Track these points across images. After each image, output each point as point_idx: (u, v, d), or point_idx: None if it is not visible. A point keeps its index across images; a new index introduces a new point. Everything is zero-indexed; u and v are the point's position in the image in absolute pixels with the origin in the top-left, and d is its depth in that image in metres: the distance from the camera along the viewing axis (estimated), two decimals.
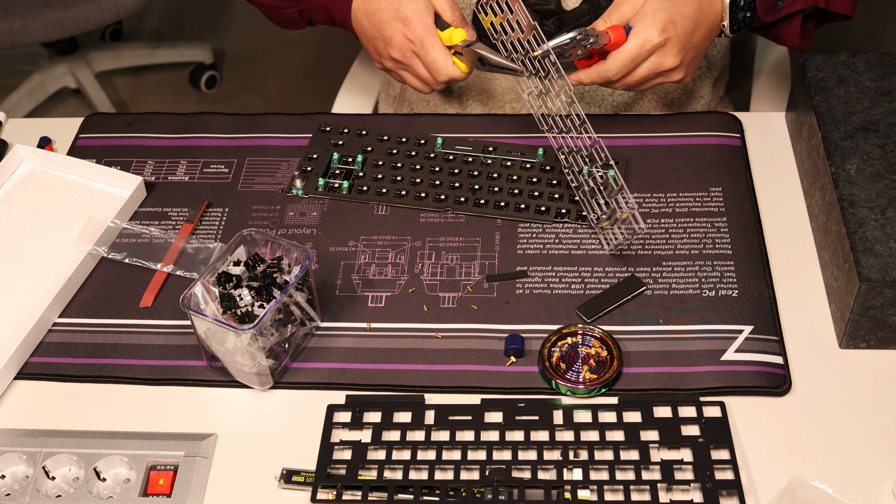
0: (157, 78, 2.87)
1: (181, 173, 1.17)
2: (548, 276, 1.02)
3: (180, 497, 0.86)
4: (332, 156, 1.15)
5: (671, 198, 1.09)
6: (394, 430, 0.90)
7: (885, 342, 0.94)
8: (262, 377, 0.93)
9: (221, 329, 0.89)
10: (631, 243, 1.03)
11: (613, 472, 0.85)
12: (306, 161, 1.16)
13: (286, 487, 0.87)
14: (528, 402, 0.91)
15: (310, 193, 1.12)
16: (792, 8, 1.13)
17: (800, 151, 1.12)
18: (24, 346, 0.97)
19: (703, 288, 1.00)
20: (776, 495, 0.83)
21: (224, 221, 1.11)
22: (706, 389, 0.91)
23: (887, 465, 0.86)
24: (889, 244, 0.93)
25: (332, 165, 1.15)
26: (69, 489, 0.88)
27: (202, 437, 0.90)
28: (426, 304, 1.00)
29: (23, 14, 2.26)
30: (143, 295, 1.03)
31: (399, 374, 0.94)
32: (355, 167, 1.14)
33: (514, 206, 1.09)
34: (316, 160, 1.16)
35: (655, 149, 1.15)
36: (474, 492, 0.84)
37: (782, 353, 0.94)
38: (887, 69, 1.11)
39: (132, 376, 0.96)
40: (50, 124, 1.26)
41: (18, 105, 2.63)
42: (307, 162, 1.15)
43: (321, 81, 2.72)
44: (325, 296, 1.01)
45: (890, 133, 1.04)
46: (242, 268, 0.94)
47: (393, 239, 1.07)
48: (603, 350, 0.94)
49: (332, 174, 1.14)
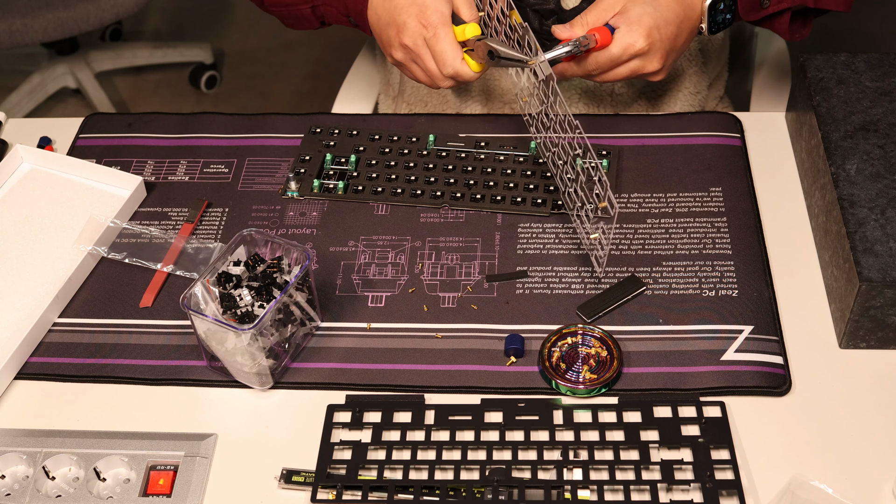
0: (157, 78, 2.87)
1: (181, 173, 1.17)
2: (548, 276, 1.02)
3: (180, 497, 0.86)
4: (325, 157, 1.15)
5: (671, 198, 1.09)
6: (394, 430, 0.90)
7: (885, 342, 0.94)
8: (262, 377, 0.93)
9: (221, 329, 0.89)
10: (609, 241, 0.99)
11: (613, 472, 0.85)
12: (299, 163, 1.16)
13: (286, 487, 0.87)
14: (528, 402, 0.91)
15: (305, 195, 1.12)
16: (778, 7, 1.12)
17: (800, 151, 1.12)
18: (24, 346, 0.97)
19: (703, 288, 1.00)
20: (776, 495, 0.83)
21: (224, 221, 1.11)
22: (706, 389, 0.91)
23: (887, 465, 0.86)
24: (889, 244, 0.93)
25: (325, 166, 1.15)
26: (69, 489, 0.88)
27: (202, 437, 0.90)
28: (426, 304, 1.00)
29: (23, 14, 2.26)
30: (144, 295, 1.03)
31: (399, 374, 0.94)
32: (349, 167, 1.14)
33: (511, 199, 1.09)
34: (309, 161, 1.16)
35: (655, 149, 1.15)
36: (474, 492, 0.84)
37: (782, 353, 0.94)
38: (887, 69, 1.11)
39: (132, 376, 0.96)
40: (50, 124, 1.26)
41: (18, 105, 2.63)
42: (300, 164, 1.15)
43: (321, 81, 2.72)
44: (326, 296, 1.01)
45: (890, 133, 1.04)
46: (242, 268, 0.94)
47: (393, 239, 1.07)
48: (603, 350, 0.94)
49: (326, 175, 1.14)
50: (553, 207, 1.08)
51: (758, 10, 1.13)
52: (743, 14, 1.13)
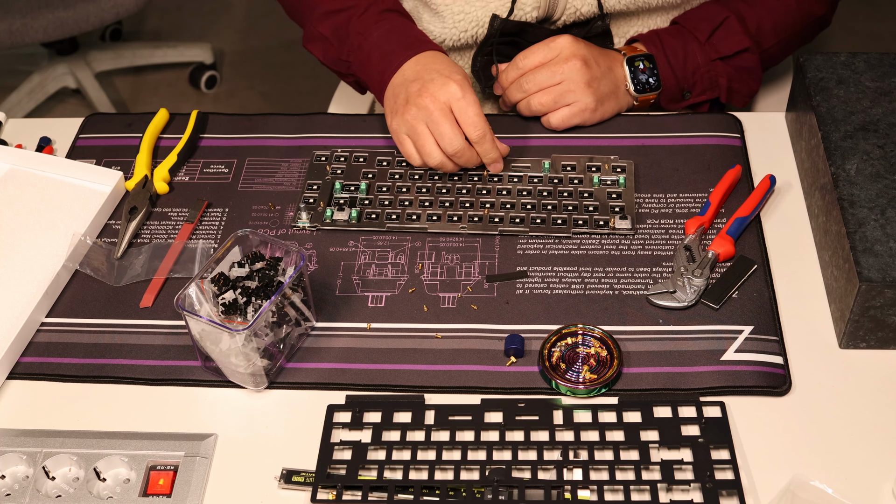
0: (157, 78, 2.87)
1: (181, 173, 1.17)
2: (548, 277, 1.02)
3: (180, 497, 0.86)
4: (335, 185, 1.13)
5: (671, 198, 1.09)
6: (394, 431, 0.90)
7: (885, 342, 0.94)
8: (256, 378, 0.93)
9: (216, 330, 0.89)
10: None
11: (613, 473, 0.85)
12: (308, 191, 1.12)
13: (286, 487, 0.87)
14: (528, 402, 0.91)
15: (317, 225, 1.09)
16: (698, 98, 1.21)
17: (800, 151, 1.12)
18: (14, 345, 0.96)
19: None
20: (776, 495, 0.83)
21: (224, 222, 1.11)
22: (706, 389, 0.91)
23: (887, 465, 0.86)
24: (889, 244, 0.93)
25: (334, 194, 1.12)
26: (69, 489, 0.88)
27: (202, 438, 0.90)
28: (426, 305, 1.00)
29: (23, 14, 2.27)
30: (144, 295, 1.03)
31: (399, 375, 0.94)
32: (359, 194, 1.11)
33: (531, 220, 1.07)
34: (317, 190, 1.13)
35: (655, 149, 1.15)
36: (474, 492, 0.85)
37: (782, 353, 0.94)
38: (887, 69, 1.11)
39: (133, 376, 0.96)
40: (50, 124, 1.26)
41: (18, 105, 2.63)
42: (309, 192, 1.12)
43: (321, 81, 2.72)
44: (325, 296, 1.01)
45: (890, 133, 1.04)
46: (237, 268, 0.93)
47: (393, 239, 1.07)
48: (603, 350, 0.94)
49: (336, 202, 1.11)
50: (574, 226, 1.06)
51: (679, 101, 1.21)
52: (665, 104, 1.20)
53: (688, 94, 1.20)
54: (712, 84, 1.20)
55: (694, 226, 1.04)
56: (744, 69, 1.20)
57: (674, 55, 1.18)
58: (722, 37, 1.19)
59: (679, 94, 1.20)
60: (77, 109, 2.75)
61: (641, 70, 1.17)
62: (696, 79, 1.19)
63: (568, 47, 1.13)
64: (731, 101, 1.22)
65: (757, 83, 1.22)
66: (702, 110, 1.22)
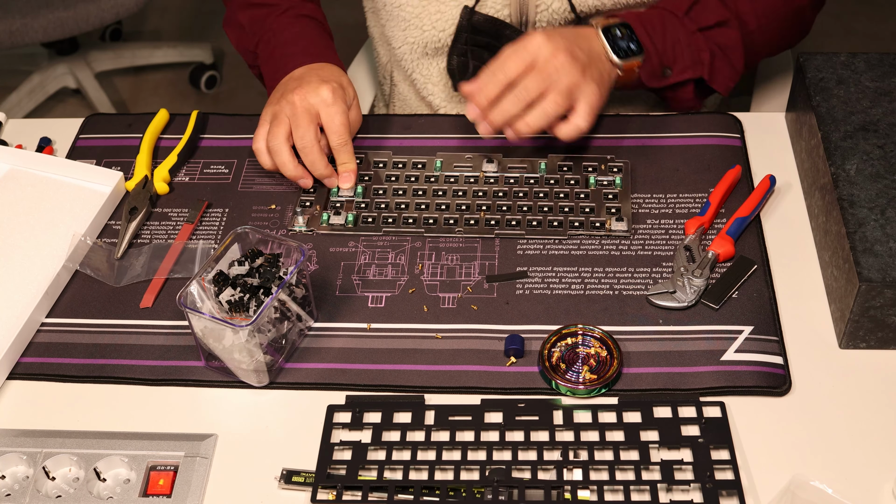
0: (157, 78, 2.87)
1: (181, 174, 1.17)
2: (548, 277, 1.02)
3: (180, 497, 0.86)
4: (331, 189, 1.12)
5: (671, 198, 1.09)
6: (394, 431, 0.90)
7: (885, 342, 0.94)
8: (259, 374, 0.93)
9: (219, 326, 0.89)
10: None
11: (613, 473, 0.85)
12: (304, 194, 1.12)
13: (286, 488, 0.87)
14: (528, 402, 0.91)
15: (314, 229, 1.09)
16: (680, 77, 1.15)
17: (800, 151, 1.12)
18: (14, 345, 0.97)
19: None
20: (776, 495, 0.83)
21: (224, 222, 1.11)
22: (706, 389, 0.91)
23: (887, 465, 0.86)
24: (889, 244, 0.93)
25: (331, 197, 1.12)
26: (69, 489, 0.88)
27: (202, 438, 0.90)
28: (426, 305, 1.00)
29: (23, 14, 2.27)
30: (144, 295, 1.03)
31: (399, 375, 0.94)
32: (356, 197, 1.11)
33: (527, 223, 1.07)
34: (314, 194, 1.12)
35: (655, 149, 1.15)
36: (474, 492, 0.85)
37: (782, 354, 0.94)
38: (887, 69, 1.11)
39: (133, 376, 0.96)
40: (50, 124, 1.26)
41: (18, 105, 2.63)
42: (306, 196, 1.12)
43: None
44: (325, 296, 1.02)
45: (890, 133, 1.04)
46: (237, 266, 0.94)
47: (393, 239, 1.07)
48: (603, 350, 0.94)
49: (332, 206, 1.11)
50: (570, 228, 1.06)
51: (659, 79, 1.15)
52: (645, 80, 1.14)
53: (668, 71, 1.14)
54: (694, 61, 1.14)
55: (694, 226, 1.04)
56: (727, 47, 1.15)
57: (650, 24, 1.13)
58: (700, 10, 1.14)
59: (659, 69, 1.14)
60: (77, 109, 2.75)
61: (619, 37, 1.10)
62: (676, 53, 1.14)
63: (545, 45, 1.04)
64: (714, 84, 1.16)
65: (740, 62, 1.16)
66: (685, 95, 1.18)
